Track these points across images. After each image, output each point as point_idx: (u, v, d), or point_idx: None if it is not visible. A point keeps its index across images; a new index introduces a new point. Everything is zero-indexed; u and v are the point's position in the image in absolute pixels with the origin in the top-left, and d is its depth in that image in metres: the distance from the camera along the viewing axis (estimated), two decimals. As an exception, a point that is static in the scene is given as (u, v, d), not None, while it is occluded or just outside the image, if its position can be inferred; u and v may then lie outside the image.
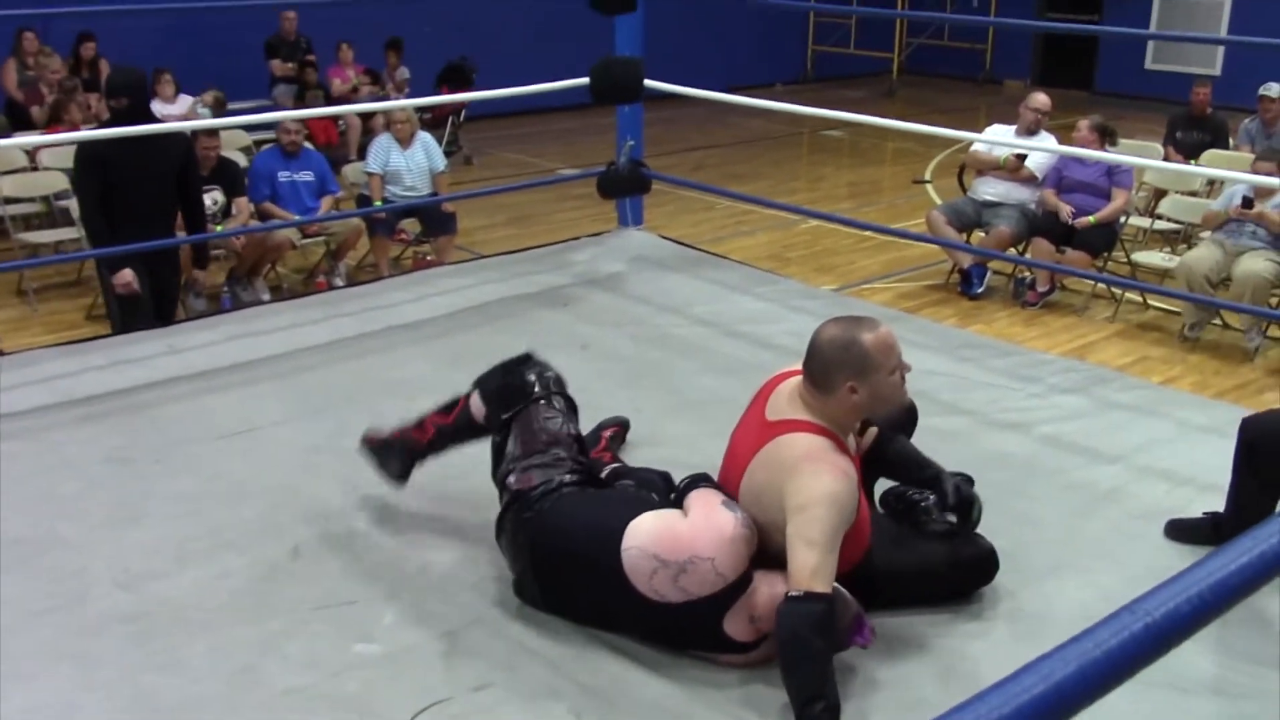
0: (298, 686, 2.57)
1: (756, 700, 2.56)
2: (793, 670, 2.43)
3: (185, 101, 9.62)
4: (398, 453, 3.23)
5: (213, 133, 6.91)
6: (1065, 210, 7.13)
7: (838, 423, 2.64)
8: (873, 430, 2.90)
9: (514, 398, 3.02)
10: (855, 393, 2.57)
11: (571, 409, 3.06)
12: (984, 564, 2.91)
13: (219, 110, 9.39)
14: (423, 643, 2.72)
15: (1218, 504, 3.32)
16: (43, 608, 2.83)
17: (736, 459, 2.74)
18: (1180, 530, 3.22)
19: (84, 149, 5.25)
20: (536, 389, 3.02)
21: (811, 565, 2.42)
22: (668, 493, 3.07)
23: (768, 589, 2.59)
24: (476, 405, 3.12)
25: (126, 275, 5.28)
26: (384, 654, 2.69)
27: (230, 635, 2.74)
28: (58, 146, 7.48)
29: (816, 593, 2.41)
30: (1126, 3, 15.36)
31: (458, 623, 2.79)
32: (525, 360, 3.16)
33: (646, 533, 2.63)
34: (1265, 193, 6.42)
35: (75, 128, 8.48)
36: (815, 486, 2.49)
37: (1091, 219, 7.07)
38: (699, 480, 2.81)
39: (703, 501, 2.69)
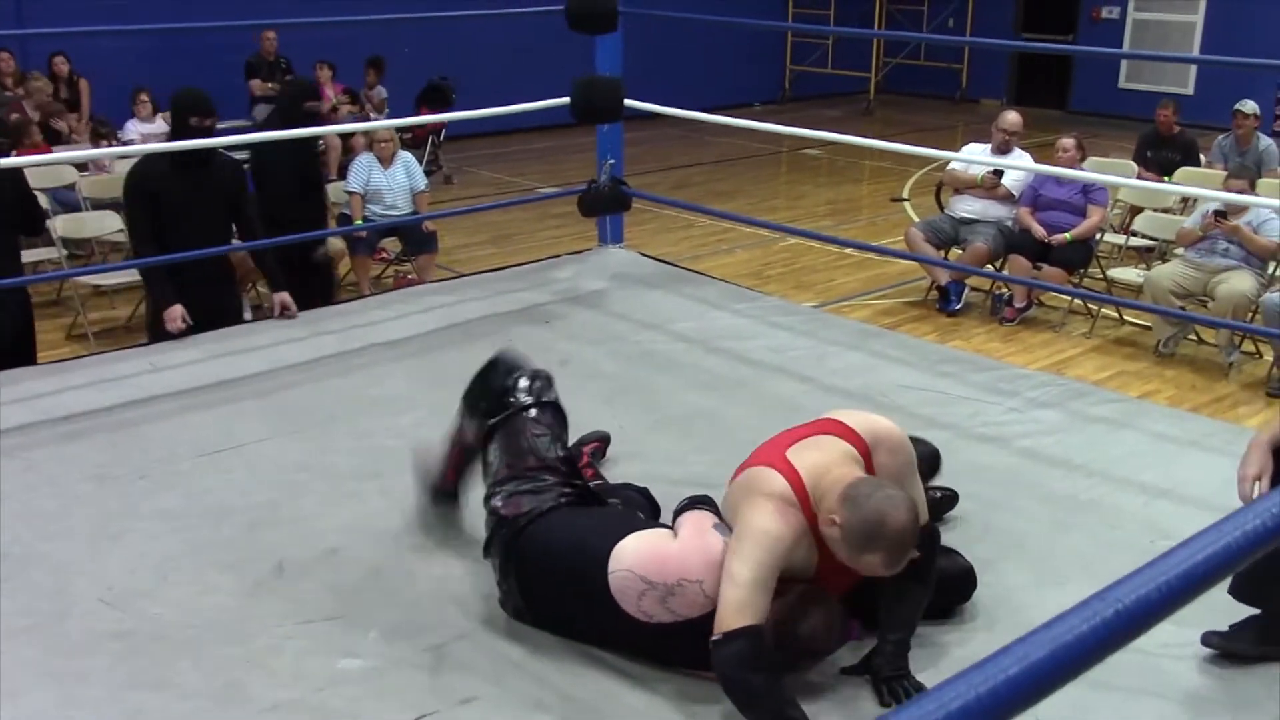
0: (283, 702, 2.57)
1: (741, 712, 2.58)
2: (746, 709, 2.46)
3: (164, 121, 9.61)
4: (442, 498, 3.25)
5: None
6: (1039, 231, 7.22)
7: (820, 509, 2.54)
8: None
9: (495, 405, 3.00)
10: (831, 524, 2.48)
11: (559, 418, 3.04)
12: (962, 582, 2.93)
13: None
14: (408, 657, 2.73)
15: (1194, 517, 3.35)
16: (26, 625, 2.82)
17: (737, 471, 2.74)
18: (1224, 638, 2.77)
19: (133, 184, 5.01)
20: (521, 398, 2.99)
21: (735, 603, 2.44)
22: (650, 510, 3.09)
23: None
24: (467, 426, 3.12)
25: (177, 312, 4.79)
26: (369, 669, 2.69)
27: (215, 652, 2.74)
28: (38, 167, 7.49)
29: (736, 630, 2.42)
30: (1100, 23, 15.55)
31: (443, 637, 2.80)
32: (496, 364, 3.13)
33: (634, 554, 2.64)
34: (1236, 210, 6.51)
35: (40, 149, 8.47)
36: (754, 522, 2.50)
37: (1068, 235, 7.15)
38: (696, 501, 2.82)
39: (694, 523, 2.70)
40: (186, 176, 4.91)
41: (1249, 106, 8.61)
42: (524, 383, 3.04)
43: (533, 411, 2.97)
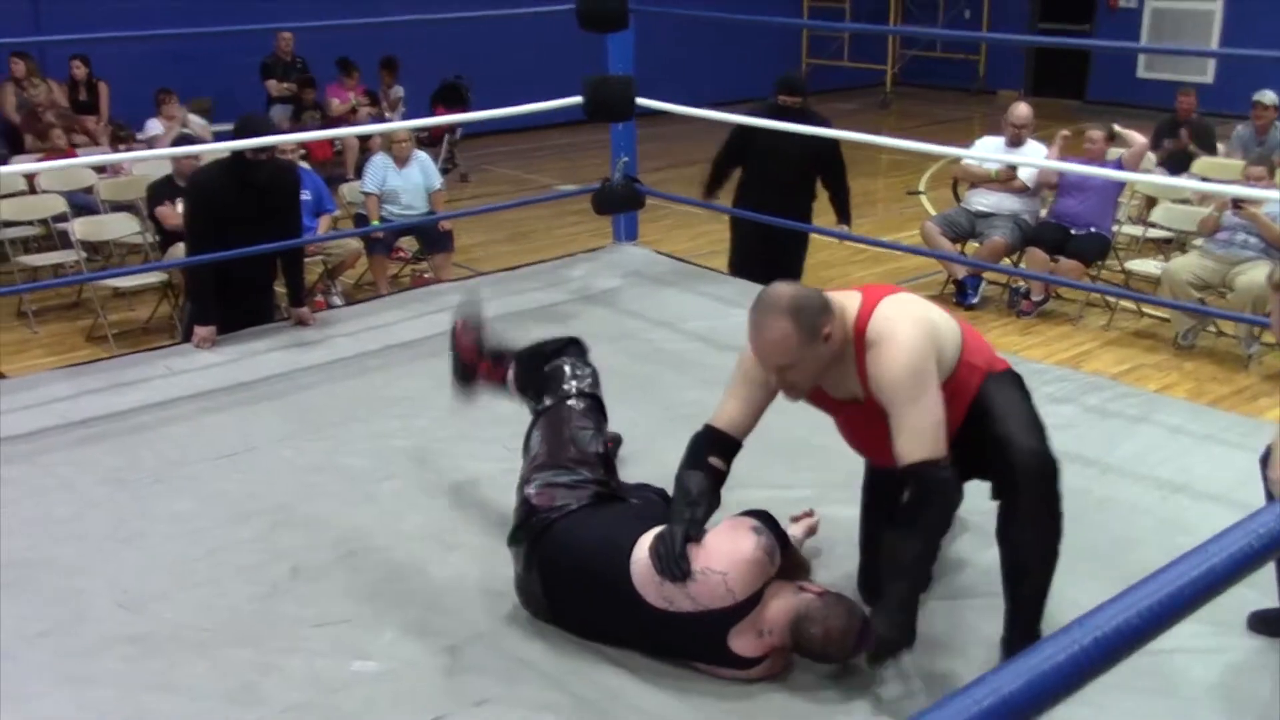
0: (297, 704, 2.58)
1: (754, 712, 2.57)
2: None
3: (194, 121, 9.63)
4: (470, 375, 3.41)
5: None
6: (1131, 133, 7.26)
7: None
8: None
9: (546, 389, 3.08)
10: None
11: (601, 413, 3.09)
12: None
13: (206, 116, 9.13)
14: (422, 658, 2.74)
15: (1212, 512, 3.33)
16: (41, 629, 2.84)
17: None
18: (1266, 623, 2.84)
19: (197, 193, 5.06)
20: (572, 386, 3.06)
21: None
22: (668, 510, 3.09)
23: (778, 601, 2.61)
24: (512, 384, 3.26)
25: (208, 334, 4.80)
26: (383, 671, 2.70)
27: (229, 654, 2.76)
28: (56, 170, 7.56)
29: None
30: (1117, 12, 15.44)
31: (457, 638, 2.81)
32: (566, 349, 3.22)
33: None
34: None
35: (63, 153, 8.52)
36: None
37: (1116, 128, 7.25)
38: (753, 513, 2.78)
39: (732, 521, 2.71)
40: (247, 195, 4.87)
41: (1269, 97, 8.52)
42: (578, 371, 3.13)
43: (581, 403, 3.04)
